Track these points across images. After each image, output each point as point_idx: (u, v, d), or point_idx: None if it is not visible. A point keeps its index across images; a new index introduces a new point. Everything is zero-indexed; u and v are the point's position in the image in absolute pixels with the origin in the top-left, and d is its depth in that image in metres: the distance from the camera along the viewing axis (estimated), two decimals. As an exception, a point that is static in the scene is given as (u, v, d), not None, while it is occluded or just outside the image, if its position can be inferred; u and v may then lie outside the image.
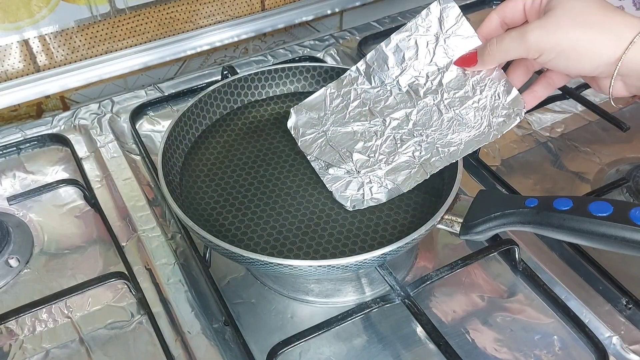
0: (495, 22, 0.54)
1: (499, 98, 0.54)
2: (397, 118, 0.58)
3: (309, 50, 0.86)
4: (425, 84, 0.58)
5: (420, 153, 0.56)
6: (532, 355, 0.52)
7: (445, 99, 0.56)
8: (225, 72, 0.76)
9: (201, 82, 0.80)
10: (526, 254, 0.59)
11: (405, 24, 0.58)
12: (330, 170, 0.58)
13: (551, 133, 0.73)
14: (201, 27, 0.83)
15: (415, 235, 0.49)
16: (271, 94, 0.69)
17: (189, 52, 0.83)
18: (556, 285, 0.57)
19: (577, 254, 0.59)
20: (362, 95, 0.61)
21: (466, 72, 0.56)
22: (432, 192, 0.58)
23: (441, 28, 0.56)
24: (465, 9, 0.92)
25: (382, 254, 0.49)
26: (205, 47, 0.84)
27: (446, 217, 0.51)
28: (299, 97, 0.69)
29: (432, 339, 0.51)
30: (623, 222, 0.44)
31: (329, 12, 0.91)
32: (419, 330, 0.53)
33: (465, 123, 0.55)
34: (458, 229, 0.51)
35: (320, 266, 0.48)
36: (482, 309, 0.56)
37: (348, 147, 0.59)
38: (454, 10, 0.56)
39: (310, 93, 0.69)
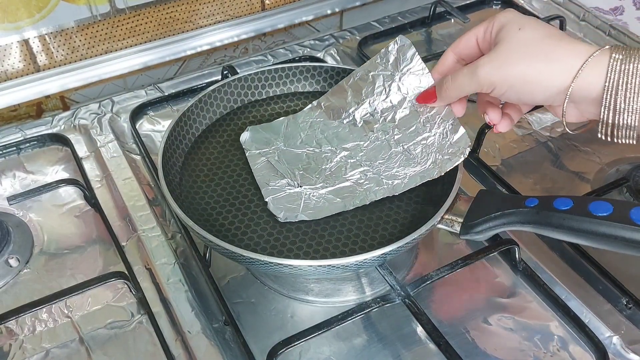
0: (450, 59, 0.55)
1: (447, 136, 0.55)
2: (348, 148, 0.59)
3: (309, 50, 0.86)
4: (379, 120, 0.59)
5: (364, 181, 0.57)
6: (532, 355, 0.52)
7: (396, 134, 0.58)
8: (225, 72, 0.76)
9: (201, 82, 0.80)
10: (526, 254, 0.59)
11: (365, 62, 0.61)
12: (272, 182, 0.58)
13: (551, 133, 0.73)
14: (201, 27, 0.83)
15: (415, 235, 0.49)
16: (271, 94, 0.69)
17: (188, 52, 0.83)
18: (556, 285, 0.57)
19: (577, 254, 0.59)
20: (319, 126, 0.62)
21: (419, 110, 0.57)
22: (432, 192, 0.58)
23: (397, 66, 0.58)
24: (466, 9, 0.92)
25: (382, 254, 0.49)
26: (205, 47, 0.84)
27: (446, 217, 0.51)
28: (298, 96, 0.69)
29: (432, 338, 0.51)
30: (623, 222, 0.44)
31: (329, 12, 0.91)
32: (419, 330, 0.53)
33: (412, 159, 0.56)
34: (458, 228, 0.51)
35: (320, 266, 0.48)
36: (482, 309, 0.56)
37: (295, 165, 0.59)
38: (411, 49, 0.58)
39: (310, 93, 0.69)
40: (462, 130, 0.55)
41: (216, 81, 0.70)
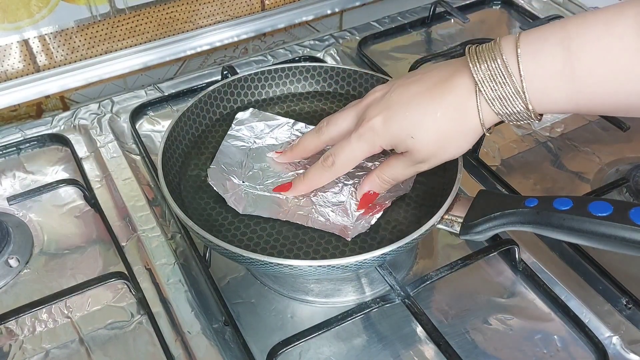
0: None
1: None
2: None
3: (309, 50, 0.86)
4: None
5: (297, 201, 0.56)
6: (532, 355, 0.52)
7: (353, 185, 0.58)
8: (225, 72, 0.76)
9: (201, 82, 0.80)
10: (526, 254, 0.59)
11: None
12: (224, 163, 0.60)
13: (551, 133, 0.73)
14: (201, 27, 0.83)
15: (415, 235, 0.49)
16: (271, 94, 0.69)
17: (188, 52, 0.83)
18: (556, 285, 0.57)
19: (577, 254, 0.59)
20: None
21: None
22: (432, 192, 0.58)
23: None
24: (465, 9, 0.92)
25: (382, 254, 0.49)
26: (205, 47, 0.84)
27: (446, 217, 0.51)
28: (298, 97, 0.69)
29: (432, 339, 0.51)
30: (623, 222, 0.44)
31: (329, 12, 0.91)
32: (419, 330, 0.53)
33: (347, 210, 0.56)
34: (458, 229, 0.51)
35: (320, 266, 0.48)
36: (482, 309, 0.56)
37: (255, 162, 0.60)
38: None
39: (310, 93, 0.69)
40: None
41: (216, 81, 0.70)
